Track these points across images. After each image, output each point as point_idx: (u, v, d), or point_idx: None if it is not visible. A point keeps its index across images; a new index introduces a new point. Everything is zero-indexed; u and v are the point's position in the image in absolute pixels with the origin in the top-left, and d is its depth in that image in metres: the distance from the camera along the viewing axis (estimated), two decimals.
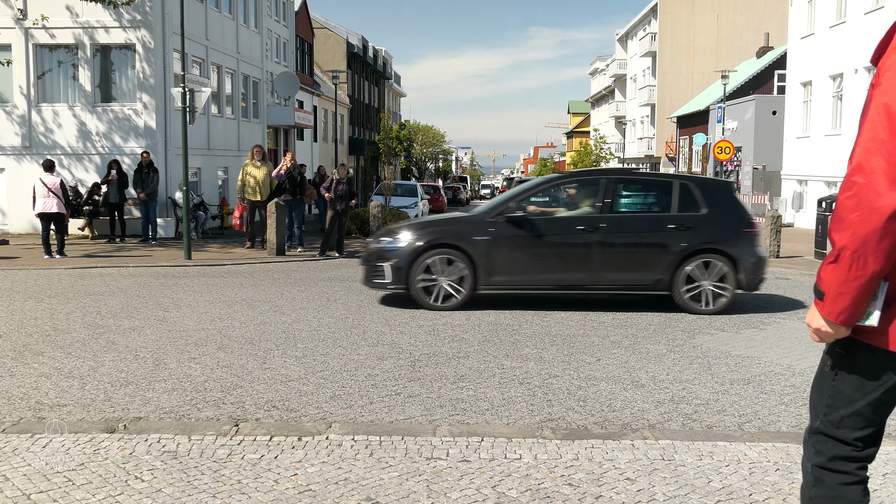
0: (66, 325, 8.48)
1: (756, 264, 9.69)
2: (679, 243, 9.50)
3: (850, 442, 2.44)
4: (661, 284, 9.57)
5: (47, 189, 15.02)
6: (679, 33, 54.66)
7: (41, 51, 21.44)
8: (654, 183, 10.80)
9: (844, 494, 2.43)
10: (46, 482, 4.00)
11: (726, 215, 9.80)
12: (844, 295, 2.21)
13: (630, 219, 10.03)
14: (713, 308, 9.50)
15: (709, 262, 9.53)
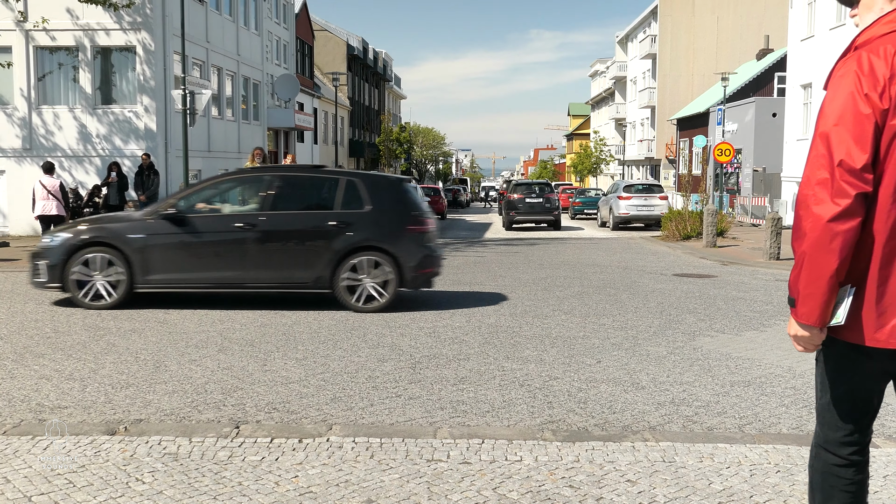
0: (66, 328, 8.48)
1: (421, 262, 9.80)
2: (339, 241, 9.56)
3: (839, 426, 2.65)
4: (322, 282, 9.61)
5: (47, 191, 15.05)
6: (679, 35, 54.70)
7: (42, 53, 21.47)
8: (320, 180, 10.61)
9: (840, 474, 2.67)
10: (47, 484, 4.00)
11: (391, 213, 9.85)
12: (811, 296, 2.45)
13: (290, 217, 9.94)
14: (375, 305, 9.57)
15: (369, 260, 9.59)
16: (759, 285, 12.63)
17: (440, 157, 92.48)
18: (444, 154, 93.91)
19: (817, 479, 2.74)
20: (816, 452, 2.74)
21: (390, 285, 9.61)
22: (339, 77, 38.09)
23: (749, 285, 12.57)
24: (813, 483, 2.77)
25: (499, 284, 12.51)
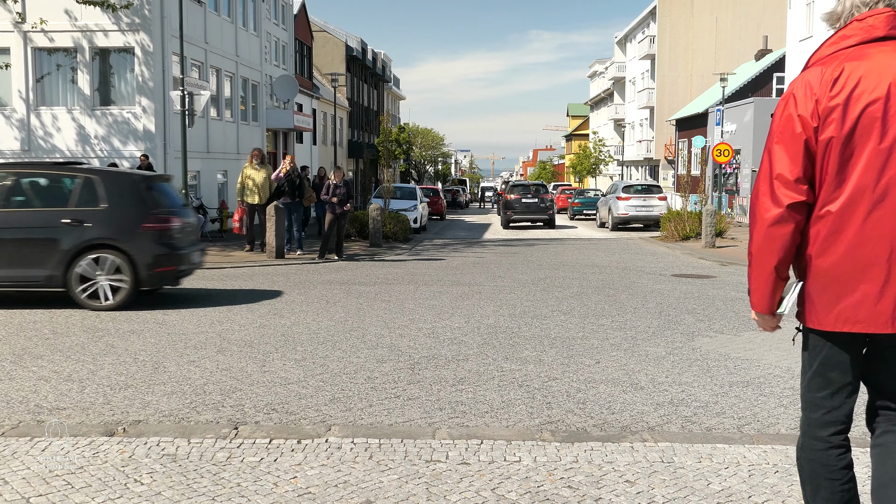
0: (65, 329, 8.48)
1: (158, 260, 9.84)
2: (71, 239, 9.55)
3: (818, 403, 2.88)
4: (55, 281, 9.60)
5: None
6: (678, 36, 54.74)
7: (40, 54, 21.46)
8: (57, 177, 10.44)
9: (819, 455, 2.86)
10: (46, 485, 4.00)
11: (128, 211, 9.86)
12: (758, 289, 2.88)
13: (22, 215, 9.88)
14: (111, 303, 9.60)
15: (103, 258, 9.61)
16: None
17: (439, 157, 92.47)
18: (443, 155, 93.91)
19: (804, 470, 2.91)
20: (802, 443, 2.94)
21: (125, 283, 9.64)
22: (338, 78, 38.09)
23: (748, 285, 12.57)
24: (802, 476, 2.93)
25: (498, 285, 12.51)
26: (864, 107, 2.63)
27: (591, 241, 24.33)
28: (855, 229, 2.66)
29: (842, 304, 2.71)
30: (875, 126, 2.62)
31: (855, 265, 2.68)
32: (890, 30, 2.71)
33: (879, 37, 2.71)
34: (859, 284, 2.68)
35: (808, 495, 2.91)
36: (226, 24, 26.47)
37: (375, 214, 20.00)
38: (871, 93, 2.62)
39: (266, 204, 16.96)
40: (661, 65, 55.27)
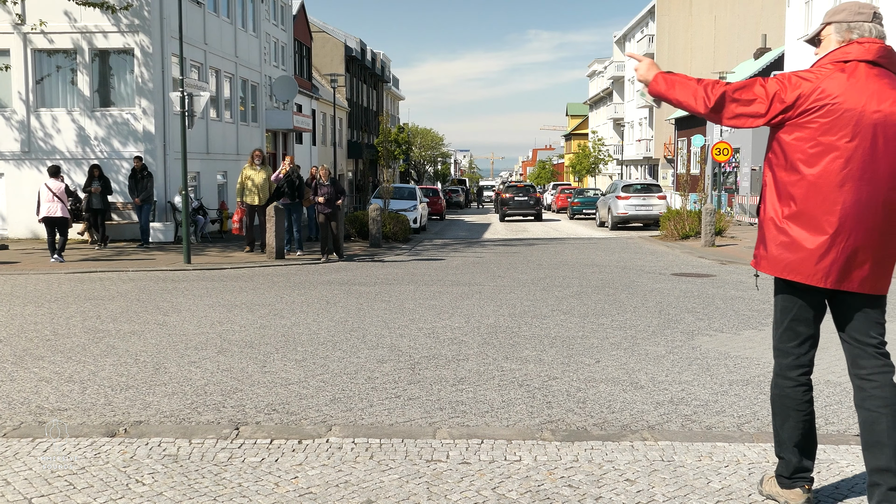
0: (66, 330, 8.49)
1: None
2: None
3: (788, 351, 3.58)
4: None
5: (52, 194, 15.07)
6: (677, 35, 54.78)
7: (40, 56, 21.46)
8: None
9: (786, 391, 3.58)
10: (47, 486, 4.01)
11: None
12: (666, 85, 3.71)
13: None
14: None
15: None
16: (759, 284, 12.64)
17: (439, 157, 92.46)
18: (442, 155, 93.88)
19: (776, 404, 3.64)
20: (774, 382, 3.65)
21: None
22: (338, 78, 38.06)
23: (747, 284, 12.58)
24: (773, 408, 3.66)
25: (498, 285, 12.52)
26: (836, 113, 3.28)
27: (590, 240, 24.35)
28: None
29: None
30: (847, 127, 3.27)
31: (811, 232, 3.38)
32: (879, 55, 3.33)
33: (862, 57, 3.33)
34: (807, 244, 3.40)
35: (777, 424, 3.64)
36: (225, 25, 26.47)
37: (375, 215, 20.01)
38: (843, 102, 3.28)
39: (266, 205, 16.97)
40: (660, 63, 54.87)
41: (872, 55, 3.33)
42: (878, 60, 3.34)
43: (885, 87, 3.31)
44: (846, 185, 3.28)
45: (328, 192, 16.03)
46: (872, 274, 3.39)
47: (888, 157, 3.29)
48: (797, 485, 3.65)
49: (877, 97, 3.28)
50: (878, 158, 3.28)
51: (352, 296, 11.17)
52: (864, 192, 3.29)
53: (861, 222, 3.31)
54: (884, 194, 3.30)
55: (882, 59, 3.35)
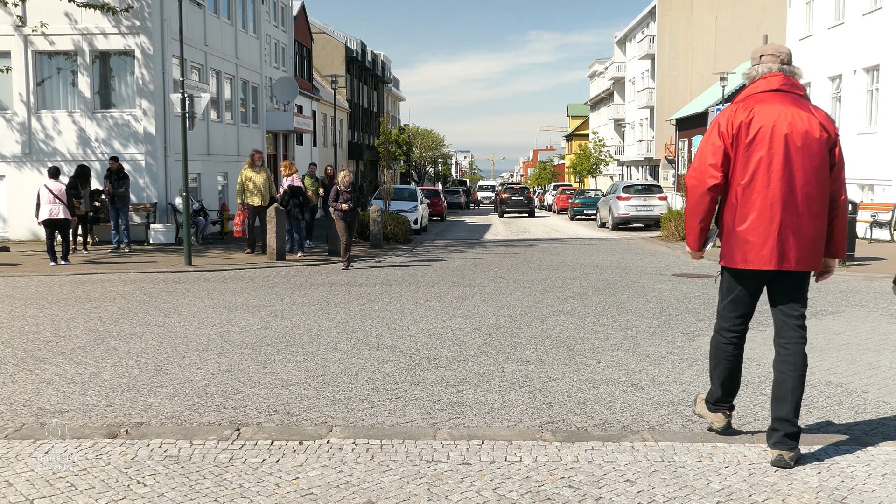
0: (67, 332, 8.50)
1: None
2: None
3: (728, 319, 4.58)
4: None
5: (53, 195, 15.01)
6: (677, 35, 54.73)
7: (40, 57, 21.48)
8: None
9: (723, 347, 4.63)
10: (49, 487, 4.02)
11: None
12: (690, 234, 4.54)
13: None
14: None
15: None
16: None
17: (439, 158, 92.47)
18: (443, 156, 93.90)
19: (713, 352, 4.70)
20: (714, 336, 4.69)
21: None
22: (338, 79, 38.08)
23: None
24: (711, 356, 4.72)
25: (498, 286, 12.52)
26: (762, 132, 4.28)
27: (591, 241, 24.35)
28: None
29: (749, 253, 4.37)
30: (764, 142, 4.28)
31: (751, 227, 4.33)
32: (782, 84, 4.37)
33: (775, 88, 4.38)
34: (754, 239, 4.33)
35: (711, 366, 4.73)
36: (225, 26, 26.49)
37: (376, 216, 20.02)
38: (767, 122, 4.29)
39: (267, 206, 16.96)
40: (660, 64, 55.27)
41: (777, 85, 4.38)
42: (781, 88, 4.37)
43: (791, 108, 4.32)
44: (775, 187, 4.25)
45: (351, 198, 15.05)
46: (805, 253, 4.29)
47: (798, 165, 4.25)
48: (720, 410, 4.77)
49: (784, 115, 4.29)
50: (794, 165, 4.25)
51: (352, 297, 11.18)
52: (785, 189, 4.25)
53: (790, 217, 4.26)
54: (803, 194, 4.25)
55: (784, 86, 4.38)
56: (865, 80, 23.42)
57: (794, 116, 4.28)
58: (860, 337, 8.27)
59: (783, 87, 4.37)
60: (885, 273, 13.91)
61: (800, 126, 4.27)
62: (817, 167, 4.27)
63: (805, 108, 4.36)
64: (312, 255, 17.38)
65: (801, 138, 4.26)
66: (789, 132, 4.25)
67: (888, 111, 21.93)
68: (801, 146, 4.25)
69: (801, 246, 4.27)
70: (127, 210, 18.95)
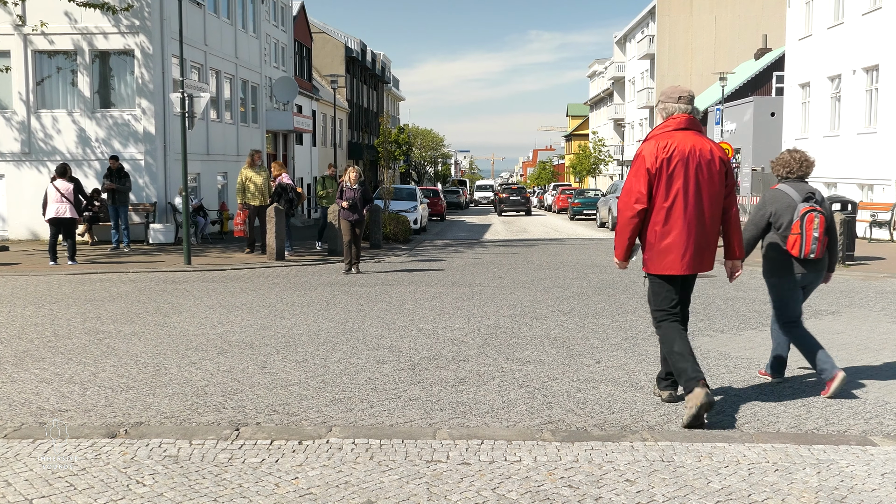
0: (66, 331, 8.50)
1: None
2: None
3: (666, 309, 5.45)
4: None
5: (60, 194, 14.96)
6: (677, 35, 54.73)
7: (40, 57, 21.47)
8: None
9: (671, 326, 5.41)
10: (48, 487, 4.01)
11: None
12: (618, 248, 5.41)
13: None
14: None
15: None
16: (758, 284, 12.63)
17: (439, 158, 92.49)
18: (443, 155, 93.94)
19: (667, 338, 5.39)
20: (662, 327, 5.48)
21: None
22: (338, 79, 38.07)
23: (748, 285, 12.58)
24: (665, 343, 5.43)
25: (498, 286, 12.52)
26: (677, 161, 5.20)
27: (591, 240, 24.34)
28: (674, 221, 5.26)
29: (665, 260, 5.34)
30: (681, 172, 5.20)
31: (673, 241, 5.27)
32: (688, 123, 5.31)
33: (683, 126, 5.30)
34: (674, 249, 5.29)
35: (671, 350, 5.33)
36: (225, 26, 26.48)
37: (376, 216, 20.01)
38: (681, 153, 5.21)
39: (267, 206, 16.96)
40: (660, 64, 55.26)
41: (685, 124, 5.31)
42: (688, 126, 5.31)
43: (696, 140, 5.26)
44: (689, 206, 5.21)
45: (355, 196, 13.75)
46: (707, 260, 5.41)
47: (705, 187, 5.22)
48: (696, 385, 5.07)
49: (692, 146, 5.22)
50: (702, 188, 5.22)
51: (352, 297, 11.17)
52: (698, 211, 5.23)
53: (701, 229, 5.26)
54: (709, 210, 5.27)
55: (690, 125, 5.32)
56: (865, 80, 23.42)
57: (701, 151, 5.24)
58: (860, 337, 8.27)
59: (690, 125, 5.33)
60: (885, 273, 13.91)
61: (705, 159, 5.23)
62: (717, 192, 5.29)
63: (706, 141, 5.32)
64: (296, 255, 17.34)
65: (707, 169, 5.23)
66: (698, 164, 5.21)
67: (888, 111, 21.93)
68: (707, 176, 5.24)
69: (708, 254, 5.39)
70: (126, 209, 18.94)
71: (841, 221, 14.84)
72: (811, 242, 5.77)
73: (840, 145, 24.55)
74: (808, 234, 5.77)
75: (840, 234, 14.83)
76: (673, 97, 5.39)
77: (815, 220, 5.76)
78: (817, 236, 5.76)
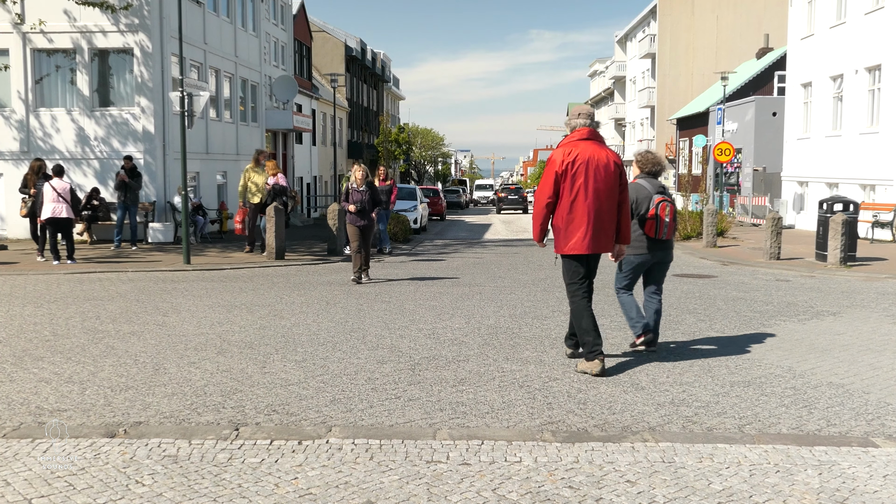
0: (65, 330, 8.48)
1: None
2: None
3: (576, 284, 6.59)
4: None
5: (57, 194, 14.92)
6: (678, 35, 54.70)
7: (39, 55, 21.44)
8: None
9: (580, 303, 6.56)
10: (47, 487, 4.00)
11: None
12: (534, 232, 6.65)
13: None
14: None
15: None
16: (760, 285, 12.63)
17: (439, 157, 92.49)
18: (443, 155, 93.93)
19: (576, 313, 6.62)
20: (572, 302, 6.68)
21: None
22: (338, 78, 38.03)
23: (749, 285, 12.57)
24: (574, 317, 6.66)
25: (498, 286, 12.50)
26: (580, 164, 6.46)
27: None
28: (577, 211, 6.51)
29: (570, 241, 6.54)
30: (582, 172, 6.46)
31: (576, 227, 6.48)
32: (589, 135, 6.64)
33: (585, 137, 6.63)
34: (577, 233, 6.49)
35: (578, 324, 6.59)
36: (225, 24, 26.45)
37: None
38: (583, 158, 6.49)
39: (266, 206, 16.92)
40: (661, 64, 55.24)
41: (586, 135, 6.65)
42: (589, 137, 6.64)
43: (595, 148, 6.57)
44: (588, 200, 6.44)
45: (362, 199, 12.39)
46: (603, 242, 6.56)
47: (602, 185, 6.46)
48: (596, 357, 6.44)
49: (592, 153, 6.52)
50: (599, 186, 6.46)
51: (352, 296, 11.15)
52: (596, 204, 6.47)
53: (598, 218, 6.48)
54: (605, 203, 6.50)
55: (591, 136, 6.65)
56: (867, 80, 23.40)
57: (599, 157, 6.52)
58: (862, 338, 8.25)
59: (590, 136, 6.66)
60: (887, 273, 13.90)
61: (602, 163, 6.51)
62: (611, 188, 6.53)
63: (604, 150, 6.64)
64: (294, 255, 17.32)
65: (603, 170, 6.50)
66: (596, 166, 6.48)
67: (890, 111, 21.91)
68: (604, 176, 6.49)
69: (605, 238, 6.55)
70: (136, 209, 18.97)
71: (842, 222, 14.84)
72: (664, 226, 7.12)
73: (842, 145, 24.52)
74: (661, 219, 7.11)
75: (841, 235, 14.84)
76: (575, 115, 6.78)
77: (668, 208, 7.15)
78: (668, 221, 7.14)
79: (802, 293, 11.60)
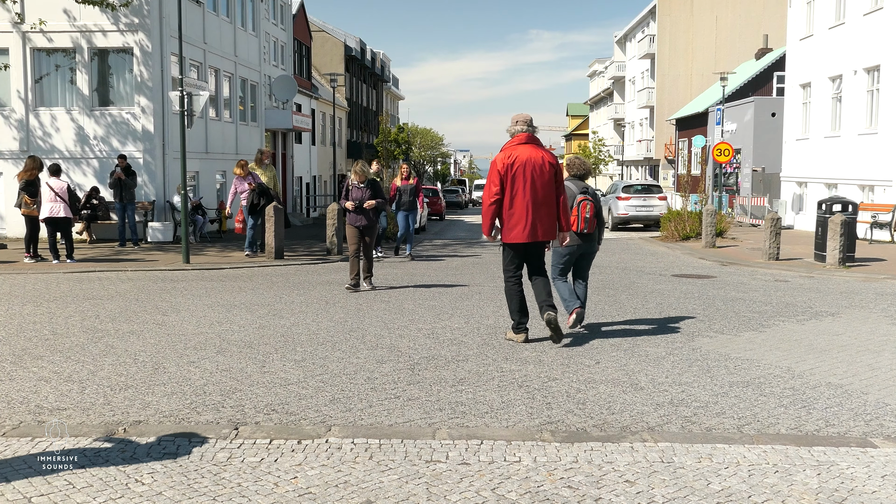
0: (64, 329, 8.48)
1: None
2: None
3: (510, 270, 7.80)
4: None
5: (54, 193, 14.91)
6: (678, 35, 54.73)
7: (39, 55, 21.44)
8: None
9: (512, 288, 7.78)
10: (47, 485, 4.00)
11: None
12: (484, 226, 7.67)
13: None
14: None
15: None
16: (759, 286, 12.64)
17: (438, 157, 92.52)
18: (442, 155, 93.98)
19: (508, 295, 7.77)
20: (506, 286, 7.79)
21: None
22: (337, 78, 38.04)
23: (748, 286, 12.58)
24: (507, 298, 7.80)
25: (497, 285, 12.50)
26: (518, 166, 7.44)
27: None
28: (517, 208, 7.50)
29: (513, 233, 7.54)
30: (521, 173, 7.46)
31: (517, 220, 7.48)
32: (527, 139, 7.62)
33: (523, 141, 7.59)
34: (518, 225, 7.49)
35: (510, 303, 7.76)
36: (224, 24, 26.45)
37: None
38: (521, 161, 7.47)
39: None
40: (660, 64, 55.25)
41: (525, 140, 7.60)
42: (527, 141, 7.60)
43: (532, 151, 7.51)
44: (527, 196, 7.41)
45: (362, 197, 11.52)
46: (541, 232, 7.51)
47: (538, 183, 7.43)
48: (522, 331, 7.80)
49: (529, 155, 7.47)
50: (535, 183, 7.43)
51: (351, 296, 11.16)
52: (533, 198, 7.42)
53: (536, 211, 7.45)
54: (541, 198, 7.46)
55: (529, 140, 7.60)
56: (866, 81, 23.41)
57: (535, 158, 7.48)
58: (860, 338, 8.26)
59: (528, 140, 7.62)
60: (886, 274, 13.91)
61: (538, 164, 7.47)
62: (547, 183, 7.49)
63: (540, 151, 7.57)
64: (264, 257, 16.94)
65: (539, 170, 7.45)
66: (533, 167, 7.44)
67: (888, 112, 21.93)
68: (539, 174, 7.45)
69: (543, 228, 7.52)
70: (133, 207, 18.94)
71: (841, 222, 14.86)
72: (583, 222, 8.22)
73: (841, 146, 24.53)
74: (582, 216, 8.21)
75: (840, 236, 14.85)
76: (514, 122, 7.73)
77: (588, 206, 8.24)
78: (588, 217, 8.24)
79: (801, 293, 11.61)
